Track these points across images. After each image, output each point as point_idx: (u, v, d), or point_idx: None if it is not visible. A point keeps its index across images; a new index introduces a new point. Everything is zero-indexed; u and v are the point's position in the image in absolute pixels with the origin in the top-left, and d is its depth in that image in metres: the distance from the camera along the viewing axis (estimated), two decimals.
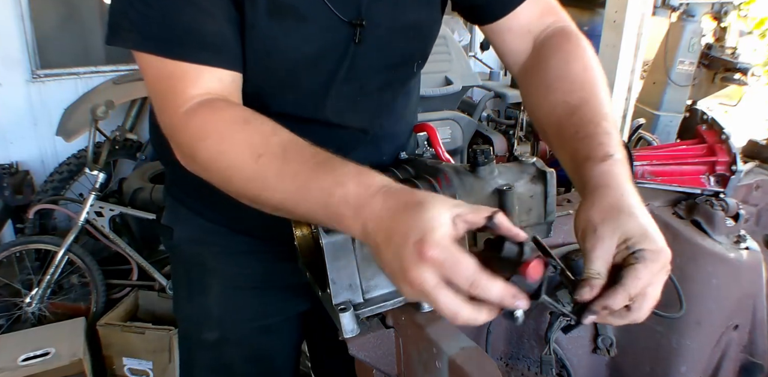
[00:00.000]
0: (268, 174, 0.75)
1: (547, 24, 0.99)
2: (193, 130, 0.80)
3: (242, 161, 0.76)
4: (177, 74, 0.80)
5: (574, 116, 0.85)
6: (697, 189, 1.36)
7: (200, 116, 0.80)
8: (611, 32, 2.81)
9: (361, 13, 0.90)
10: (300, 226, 1.02)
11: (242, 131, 0.78)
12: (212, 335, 1.18)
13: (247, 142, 0.77)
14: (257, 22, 0.84)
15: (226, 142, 0.78)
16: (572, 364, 1.33)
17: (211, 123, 0.79)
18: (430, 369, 0.85)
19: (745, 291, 1.31)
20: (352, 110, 1.01)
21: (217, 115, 0.80)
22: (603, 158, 0.78)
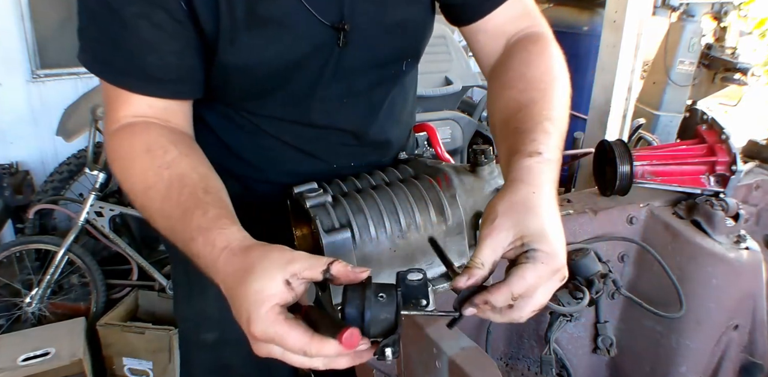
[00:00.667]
0: (151, 208, 0.81)
1: (521, 28, 0.99)
2: (110, 150, 0.89)
3: (136, 190, 0.84)
4: (113, 96, 0.88)
5: (519, 113, 0.85)
6: (697, 189, 1.36)
7: (117, 138, 0.87)
8: (611, 32, 2.81)
9: (344, 16, 0.89)
10: (300, 226, 1.02)
11: (142, 160, 0.84)
12: (211, 335, 1.18)
13: (142, 173, 0.83)
14: (237, 36, 0.85)
15: (127, 169, 0.85)
16: (572, 364, 1.34)
17: (122, 148, 0.87)
18: (430, 369, 0.85)
19: (745, 291, 1.31)
20: (340, 111, 1.00)
21: (129, 140, 0.86)
22: (530, 154, 0.76)
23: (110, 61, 0.86)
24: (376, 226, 0.87)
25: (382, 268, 0.88)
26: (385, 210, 0.88)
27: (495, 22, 0.99)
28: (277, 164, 1.05)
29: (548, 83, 0.90)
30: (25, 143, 3.29)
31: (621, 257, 1.35)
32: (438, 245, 0.78)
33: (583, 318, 1.33)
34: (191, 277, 1.19)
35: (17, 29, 3.14)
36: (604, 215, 1.31)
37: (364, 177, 0.99)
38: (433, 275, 0.92)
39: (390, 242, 0.87)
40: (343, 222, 0.86)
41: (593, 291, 1.21)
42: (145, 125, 0.87)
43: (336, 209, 0.87)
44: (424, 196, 0.90)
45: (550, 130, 0.81)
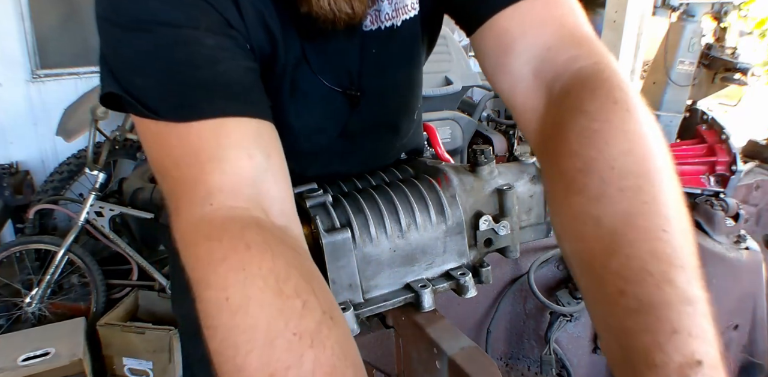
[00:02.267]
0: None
1: (565, 59, 0.65)
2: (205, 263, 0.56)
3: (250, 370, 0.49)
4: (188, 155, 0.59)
5: (615, 256, 0.48)
6: (697, 189, 1.36)
7: (222, 258, 0.54)
8: (611, 32, 2.81)
9: (353, 82, 0.91)
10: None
11: (267, 315, 0.50)
12: None
13: (268, 345, 0.49)
14: (279, 99, 0.86)
15: (238, 329, 0.51)
16: (572, 364, 1.34)
17: (235, 284, 0.53)
18: (430, 369, 0.85)
19: (745, 290, 1.31)
20: (341, 161, 1.02)
21: (246, 271, 0.53)
22: (681, 367, 0.43)
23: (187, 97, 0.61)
24: (376, 226, 0.87)
25: (382, 268, 0.88)
26: (385, 210, 0.88)
27: (521, 43, 0.67)
28: None
29: (640, 173, 0.53)
30: (25, 143, 3.29)
31: None
32: None
33: (583, 318, 1.33)
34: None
35: (17, 29, 3.14)
36: None
37: (364, 177, 0.99)
38: (433, 275, 0.92)
39: (390, 242, 0.87)
40: (343, 222, 0.86)
41: None
42: (258, 231, 0.56)
43: (336, 209, 0.87)
44: (424, 196, 0.90)
45: (689, 278, 0.50)
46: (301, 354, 0.47)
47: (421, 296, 0.88)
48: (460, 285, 0.90)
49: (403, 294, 0.89)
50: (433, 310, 0.89)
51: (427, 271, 0.91)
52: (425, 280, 0.90)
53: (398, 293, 0.89)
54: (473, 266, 0.93)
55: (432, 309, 0.88)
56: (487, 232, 0.93)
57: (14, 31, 3.14)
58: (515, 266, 1.25)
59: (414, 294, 0.89)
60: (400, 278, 0.90)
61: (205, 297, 0.55)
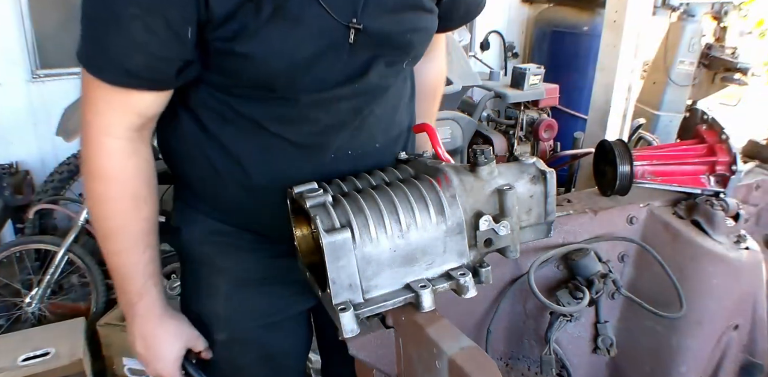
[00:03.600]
0: (112, 247, 1.05)
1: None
2: (101, 168, 0.99)
3: (109, 225, 1.03)
4: (100, 98, 0.94)
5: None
6: (697, 189, 1.36)
7: (111, 162, 0.99)
8: (611, 32, 2.81)
9: (356, 16, 0.94)
10: (300, 226, 1.02)
11: (128, 204, 1.02)
12: (221, 336, 1.18)
13: (122, 214, 1.03)
14: (259, 29, 0.88)
15: (109, 202, 1.02)
16: (572, 364, 1.34)
17: (113, 183, 1.00)
18: (430, 369, 0.85)
19: (745, 290, 1.31)
20: (342, 109, 1.03)
21: (121, 178, 1.01)
22: None
23: (102, 59, 0.89)
24: (376, 226, 0.87)
25: (381, 268, 0.88)
26: (385, 210, 0.88)
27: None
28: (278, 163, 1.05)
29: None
30: (25, 143, 3.29)
31: (621, 257, 1.35)
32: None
33: (583, 318, 1.33)
34: (200, 276, 1.19)
35: (17, 29, 3.14)
36: (604, 215, 1.31)
37: (364, 177, 0.99)
38: (433, 276, 0.92)
39: (390, 241, 0.87)
40: (343, 222, 0.86)
41: (593, 291, 1.21)
42: (136, 160, 1.00)
43: (336, 209, 0.87)
44: (424, 196, 0.90)
45: None
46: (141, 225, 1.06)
47: (421, 296, 0.88)
48: (460, 285, 0.90)
49: (403, 294, 0.89)
50: (433, 310, 0.88)
51: (427, 271, 0.91)
52: (425, 280, 0.90)
53: (398, 293, 0.89)
54: (473, 267, 0.93)
55: (432, 309, 0.88)
56: (487, 232, 0.93)
57: (14, 31, 3.13)
58: (515, 266, 1.25)
59: (414, 294, 0.89)
60: (400, 279, 0.90)
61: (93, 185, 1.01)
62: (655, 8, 3.40)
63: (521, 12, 4.73)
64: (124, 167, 0.98)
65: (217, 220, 1.14)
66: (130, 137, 0.97)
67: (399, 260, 0.89)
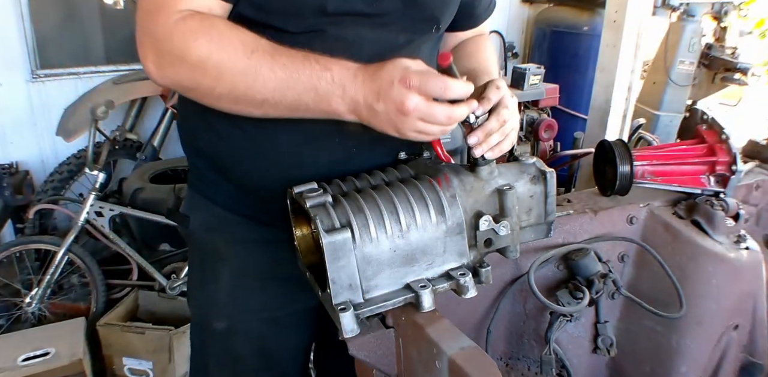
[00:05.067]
0: (261, 66, 0.87)
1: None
2: (187, 33, 0.89)
3: (236, 56, 0.88)
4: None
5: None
6: (697, 189, 1.36)
7: (192, 21, 0.90)
8: (611, 32, 2.80)
9: None
10: (300, 226, 1.02)
11: (234, 31, 0.90)
12: (221, 324, 1.20)
13: (240, 40, 0.89)
14: None
15: (221, 39, 0.88)
16: (572, 364, 1.34)
17: (205, 25, 0.90)
18: (430, 369, 0.85)
19: (745, 290, 1.31)
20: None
21: (209, 20, 0.91)
22: None
23: None
24: (376, 226, 0.87)
25: (382, 268, 0.88)
26: (385, 210, 0.88)
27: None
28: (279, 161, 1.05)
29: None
30: (25, 143, 3.29)
31: (621, 257, 1.35)
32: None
33: (583, 318, 1.33)
34: (205, 264, 1.21)
35: (17, 29, 3.14)
36: (604, 215, 1.31)
37: (364, 177, 0.99)
38: (433, 276, 0.92)
39: (390, 242, 0.87)
40: (343, 222, 0.86)
41: (593, 291, 1.21)
42: (212, 15, 0.93)
43: (336, 209, 0.87)
44: (424, 196, 0.90)
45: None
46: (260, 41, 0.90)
47: (421, 296, 0.88)
48: (460, 285, 0.90)
49: (403, 294, 0.89)
50: (433, 310, 0.89)
51: (427, 271, 0.91)
52: (425, 280, 0.90)
53: (398, 293, 0.89)
54: (473, 267, 0.93)
55: (432, 309, 0.88)
56: (487, 232, 0.93)
57: (14, 31, 3.13)
58: (515, 266, 1.25)
59: (414, 294, 0.89)
60: (400, 279, 0.90)
61: (195, 44, 0.89)
62: (655, 8, 3.40)
63: (521, 12, 4.73)
64: (202, 19, 0.91)
65: (226, 208, 1.15)
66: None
67: (399, 260, 0.89)
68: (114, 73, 3.34)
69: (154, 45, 0.92)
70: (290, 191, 0.94)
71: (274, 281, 1.18)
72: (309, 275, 0.99)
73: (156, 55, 0.92)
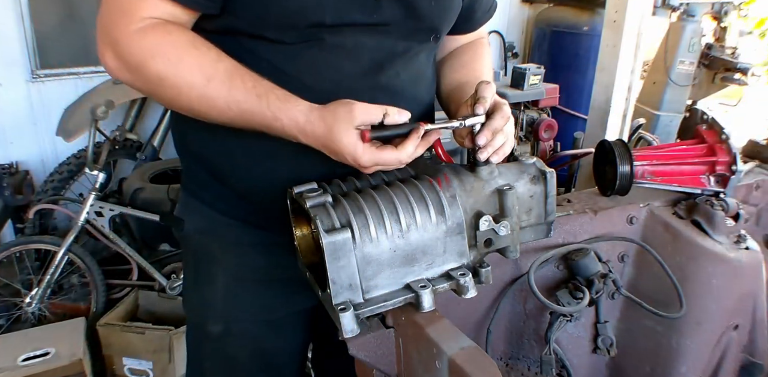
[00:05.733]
0: (217, 98, 0.90)
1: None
2: (146, 47, 0.90)
3: (192, 82, 0.90)
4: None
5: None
6: (697, 189, 1.36)
7: (153, 35, 0.90)
8: (611, 32, 2.80)
9: None
10: (300, 226, 1.02)
11: (193, 54, 0.91)
12: (216, 327, 1.19)
13: (198, 65, 0.90)
14: None
15: (179, 63, 0.90)
16: (572, 364, 1.34)
17: (165, 44, 0.90)
18: (430, 369, 0.85)
19: (745, 290, 1.31)
20: (371, 72, 1.03)
21: (170, 37, 0.91)
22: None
23: None
24: (376, 226, 0.87)
25: (381, 268, 0.88)
26: (385, 210, 0.88)
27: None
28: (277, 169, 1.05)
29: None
30: (25, 143, 3.29)
31: (621, 257, 1.35)
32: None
33: (583, 318, 1.33)
34: (200, 267, 1.20)
35: (17, 29, 3.14)
36: (604, 215, 1.31)
37: (364, 177, 0.99)
38: (433, 276, 0.92)
39: (390, 242, 0.87)
40: (343, 222, 0.86)
41: (593, 291, 1.21)
42: (174, 25, 0.92)
43: (336, 209, 0.87)
44: (424, 196, 0.90)
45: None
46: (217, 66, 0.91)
47: (420, 296, 0.88)
48: (460, 285, 0.90)
49: (403, 294, 0.89)
50: (433, 310, 0.89)
51: (427, 271, 0.91)
52: (425, 280, 0.90)
53: (398, 293, 0.89)
54: (473, 267, 0.93)
55: (432, 309, 0.88)
56: (487, 232, 0.93)
57: (14, 31, 3.13)
58: (515, 266, 1.25)
59: (414, 294, 0.89)
60: (400, 279, 0.90)
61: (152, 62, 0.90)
62: (655, 8, 3.39)
63: (521, 12, 4.73)
64: (164, 34, 0.91)
65: (220, 212, 1.14)
66: (154, 20, 0.93)
67: (399, 260, 0.89)
68: None
69: (113, 47, 0.93)
70: (290, 191, 0.94)
71: (270, 284, 1.18)
72: (309, 275, 0.99)
73: (114, 57, 0.93)
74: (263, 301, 1.19)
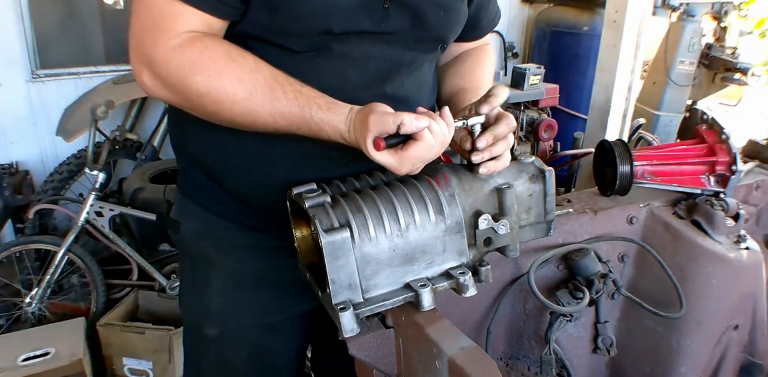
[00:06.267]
0: (260, 110, 0.91)
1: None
2: (185, 66, 0.89)
3: (234, 96, 0.90)
4: (170, 12, 0.90)
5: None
6: (697, 189, 1.36)
7: (190, 51, 0.90)
8: (611, 32, 2.80)
9: None
10: (300, 227, 1.02)
11: (232, 68, 0.90)
12: (213, 331, 1.18)
13: (238, 80, 0.90)
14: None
15: (219, 78, 0.89)
16: (572, 364, 1.34)
17: (203, 60, 0.90)
18: (430, 369, 0.85)
19: (745, 291, 1.31)
20: (376, 80, 1.04)
21: (207, 51, 0.90)
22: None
23: None
24: (375, 226, 0.87)
25: (381, 267, 0.88)
26: (384, 210, 0.88)
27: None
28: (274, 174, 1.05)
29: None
30: (25, 143, 3.29)
31: (621, 257, 1.35)
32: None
33: (583, 318, 1.33)
34: (196, 270, 1.20)
35: (17, 29, 3.14)
36: (604, 215, 1.31)
37: (363, 178, 0.99)
38: (432, 275, 0.92)
39: (389, 241, 0.87)
40: (342, 222, 0.86)
41: (593, 291, 1.21)
42: (211, 37, 0.92)
43: (335, 209, 0.87)
44: (423, 196, 0.90)
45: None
46: (256, 79, 0.90)
47: (420, 295, 0.88)
48: (459, 284, 0.90)
49: (402, 293, 0.89)
50: (433, 310, 0.88)
51: (427, 270, 0.91)
52: (425, 279, 0.90)
53: (398, 292, 0.89)
54: (473, 266, 0.93)
55: (432, 308, 0.88)
56: (486, 231, 0.93)
57: (14, 31, 3.13)
58: (515, 266, 1.25)
59: (414, 293, 0.89)
60: (400, 278, 0.90)
61: (192, 80, 0.90)
62: (655, 8, 3.40)
63: (521, 12, 4.73)
64: (201, 50, 0.90)
65: (217, 214, 1.14)
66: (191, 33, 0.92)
67: (398, 259, 0.89)
68: (114, 73, 3.34)
69: (150, 66, 0.93)
70: (290, 192, 0.94)
71: (267, 287, 1.17)
72: (309, 275, 0.99)
73: (152, 76, 0.93)
74: (260, 304, 1.18)
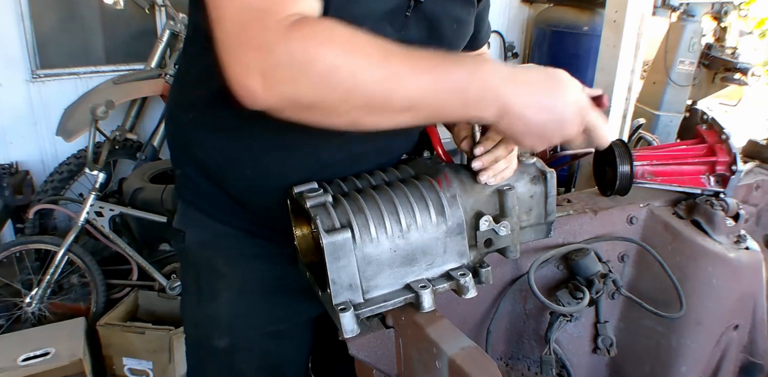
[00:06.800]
0: (402, 72, 0.79)
1: None
2: (308, 39, 0.76)
3: (371, 63, 0.78)
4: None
5: None
6: (697, 189, 1.36)
7: (309, 26, 0.78)
8: (611, 32, 2.81)
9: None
10: (300, 226, 1.02)
11: (357, 34, 0.79)
12: (222, 342, 1.16)
13: (371, 43, 0.79)
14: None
15: (350, 45, 0.78)
16: (572, 364, 1.34)
17: (326, 29, 0.78)
18: (430, 369, 0.85)
19: (745, 290, 1.31)
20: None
21: (324, 24, 0.79)
22: None
23: None
24: (376, 226, 0.87)
25: (382, 268, 0.88)
26: (386, 210, 0.88)
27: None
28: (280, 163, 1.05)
29: None
30: (25, 143, 3.29)
31: (621, 257, 1.35)
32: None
33: (583, 318, 1.33)
34: (201, 281, 1.17)
35: (17, 29, 3.14)
36: (604, 215, 1.31)
37: (365, 177, 0.99)
38: (433, 276, 0.92)
39: (390, 242, 0.87)
40: (344, 222, 0.86)
41: (593, 291, 1.21)
42: (314, 18, 0.83)
43: (336, 209, 0.87)
44: (425, 196, 0.90)
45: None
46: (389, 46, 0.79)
47: (421, 296, 0.88)
48: (460, 285, 0.90)
49: (403, 294, 0.89)
50: (433, 310, 0.89)
51: (428, 271, 0.91)
52: (425, 280, 0.90)
53: (398, 293, 0.89)
54: (473, 267, 0.93)
55: (432, 309, 0.88)
56: (487, 232, 0.93)
57: (14, 31, 3.13)
58: (515, 266, 1.25)
59: (414, 294, 0.89)
60: (400, 279, 0.90)
61: (321, 51, 0.76)
62: (655, 8, 3.39)
63: (521, 12, 4.73)
64: (316, 23, 0.80)
65: (222, 222, 1.12)
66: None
67: (399, 260, 0.89)
68: (114, 73, 3.34)
69: (261, 59, 0.77)
70: (290, 191, 0.94)
71: (275, 295, 1.16)
72: (309, 275, 0.99)
73: (265, 70, 0.77)
74: (269, 313, 1.17)
